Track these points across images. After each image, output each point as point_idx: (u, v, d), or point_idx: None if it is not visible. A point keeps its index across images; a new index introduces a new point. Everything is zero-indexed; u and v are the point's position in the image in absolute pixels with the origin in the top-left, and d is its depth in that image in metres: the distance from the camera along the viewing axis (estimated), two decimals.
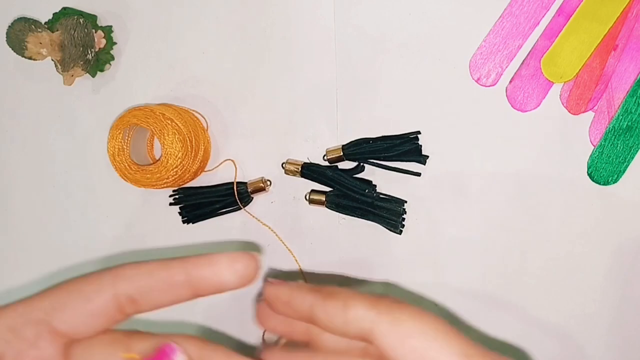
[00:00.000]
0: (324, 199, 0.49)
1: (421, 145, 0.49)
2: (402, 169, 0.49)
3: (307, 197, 0.50)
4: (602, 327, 0.47)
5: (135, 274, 0.25)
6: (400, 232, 0.49)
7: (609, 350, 0.47)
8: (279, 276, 0.51)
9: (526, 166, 0.48)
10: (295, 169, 0.50)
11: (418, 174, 0.49)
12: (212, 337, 0.53)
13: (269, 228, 0.51)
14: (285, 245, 0.51)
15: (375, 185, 0.49)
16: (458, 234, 0.49)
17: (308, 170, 0.49)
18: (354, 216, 0.49)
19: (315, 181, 0.50)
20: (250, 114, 0.52)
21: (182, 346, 0.25)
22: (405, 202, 0.49)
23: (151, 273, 0.25)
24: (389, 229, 0.49)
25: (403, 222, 0.49)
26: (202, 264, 0.25)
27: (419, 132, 0.49)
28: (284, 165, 0.50)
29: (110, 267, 0.26)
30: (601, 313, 0.47)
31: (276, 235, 0.51)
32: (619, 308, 0.47)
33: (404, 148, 0.48)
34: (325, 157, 0.50)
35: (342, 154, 0.49)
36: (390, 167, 0.49)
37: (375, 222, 0.49)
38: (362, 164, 0.49)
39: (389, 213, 0.49)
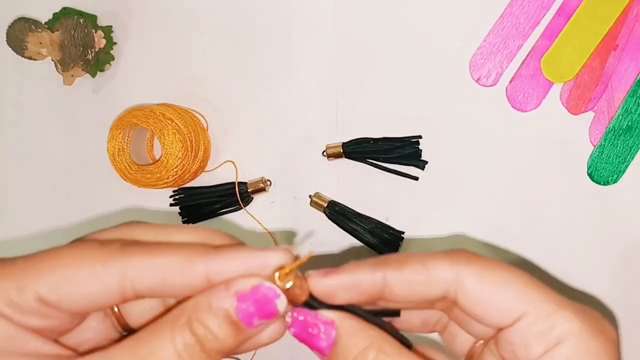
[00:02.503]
0: (325, 206, 0.49)
1: (421, 150, 0.49)
2: (400, 172, 0.49)
3: (310, 198, 0.50)
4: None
5: (149, 269, 0.23)
6: None
7: None
8: None
9: (526, 166, 0.48)
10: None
11: (416, 178, 0.49)
12: None
13: (267, 231, 0.51)
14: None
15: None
16: (457, 234, 0.49)
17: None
18: (350, 234, 0.49)
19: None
20: (250, 114, 0.52)
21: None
22: (403, 233, 0.49)
23: (166, 270, 0.23)
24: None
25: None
26: (225, 258, 0.23)
27: (419, 137, 0.49)
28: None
29: (115, 244, 0.24)
30: (601, 313, 0.47)
31: (273, 238, 0.51)
32: (620, 308, 0.47)
33: (404, 151, 0.48)
34: (324, 153, 0.50)
35: (342, 151, 0.49)
36: (389, 168, 0.49)
37: (369, 247, 0.49)
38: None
39: (386, 245, 0.49)
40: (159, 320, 0.23)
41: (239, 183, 0.51)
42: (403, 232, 0.49)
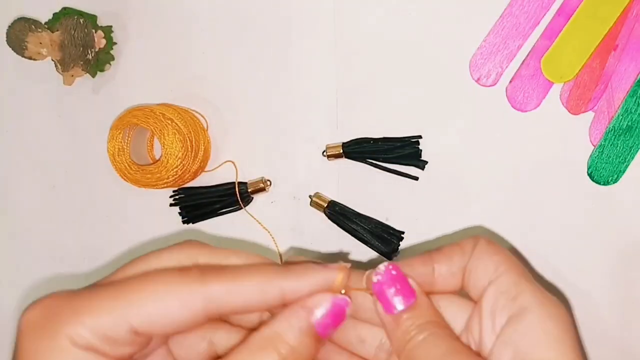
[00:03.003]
0: (325, 206, 0.49)
1: (421, 150, 0.49)
2: (400, 172, 0.49)
3: (310, 198, 0.50)
4: (602, 327, 0.47)
5: (232, 293, 0.25)
6: (391, 258, 0.49)
7: (610, 350, 0.47)
8: None
9: (526, 166, 0.48)
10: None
11: (416, 178, 0.49)
12: None
13: (267, 231, 0.51)
14: (278, 250, 0.51)
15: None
16: (457, 234, 0.49)
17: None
18: (350, 234, 0.49)
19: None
20: (250, 114, 0.52)
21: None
22: (403, 233, 0.49)
23: (248, 293, 0.25)
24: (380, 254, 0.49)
25: (397, 253, 0.49)
26: (298, 277, 0.26)
27: (420, 137, 0.49)
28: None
29: (194, 270, 0.25)
30: (602, 313, 0.47)
31: (273, 238, 0.51)
32: (620, 308, 0.47)
33: (404, 151, 0.48)
34: (324, 153, 0.50)
35: (342, 151, 0.49)
36: (389, 168, 0.49)
37: (369, 247, 0.49)
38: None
39: (384, 244, 0.49)
40: (242, 350, 0.25)
41: (239, 183, 0.51)
42: (403, 232, 0.49)
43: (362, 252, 0.50)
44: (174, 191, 0.52)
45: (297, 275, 0.26)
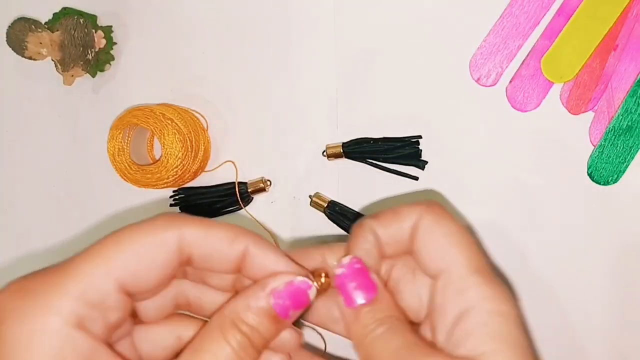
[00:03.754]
0: (325, 206, 0.49)
1: (421, 150, 0.49)
2: (400, 172, 0.49)
3: (310, 198, 0.50)
4: (602, 327, 0.47)
5: (204, 237, 0.26)
6: None
7: (610, 350, 0.47)
8: None
9: (526, 166, 0.48)
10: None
11: (416, 178, 0.49)
12: None
13: (268, 232, 0.51)
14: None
15: None
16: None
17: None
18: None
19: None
20: (250, 114, 0.52)
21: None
22: None
23: (218, 240, 0.26)
24: None
25: None
26: (261, 245, 0.27)
27: (420, 137, 0.49)
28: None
29: (167, 214, 0.26)
30: (602, 313, 0.47)
31: (273, 238, 0.51)
32: (620, 308, 0.47)
33: (404, 151, 0.48)
34: (324, 153, 0.50)
35: (342, 151, 0.49)
36: (389, 168, 0.49)
37: None
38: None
39: None
40: (204, 329, 0.26)
41: (239, 183, 0.51)
42: None
43: None
44: (174, 191, 0.52)
45: (263, 244, 0.27)
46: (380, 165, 0.49)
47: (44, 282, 0.24)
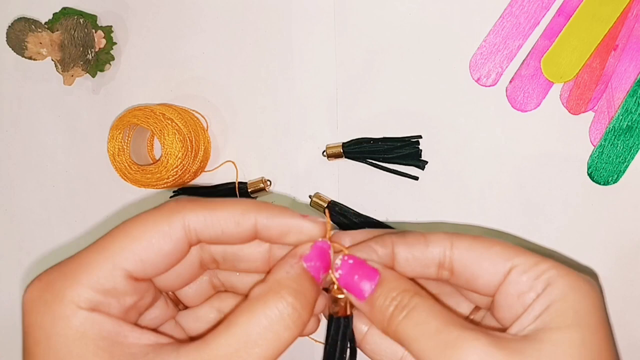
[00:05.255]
0: (325, 206, 0.49)
1: (421, 150, 0.49)
2: (400, 172, 0.49)
3: (310, 198, 0.50)
4: None
5: (209, 222, 0.27)
6: None
7: None
8: None
9: (526, 166, 0.48)
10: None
11: (416, 178, 0.49)
12: None
13: None
14: None
15: None
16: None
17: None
18: None
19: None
20: (250, 114, 0.52)
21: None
22: None
23: (224, 222, 0.27)
24: None
25: None
26: (272, 214, 0.28)
27: (420, 137, 0.49)
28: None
29: (170, 202, 0.27)
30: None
31: None
32: (620, 308, 0.47)
33: (404, 151, 0.48)
34: (324, 153, 0.50)
35: (342, 151, 0.49)
36: (389, 168, 0.49)
37: None
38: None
39: None
40: (246, 303, 0.26)
41: (239, 183, 0.51)
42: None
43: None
44: (174, 191, 0.52)
45: (271, 212, 0.28)
46: (380, 165, 0.49)
47: (60, 274, 0.25)
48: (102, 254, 0.25)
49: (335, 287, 0.29)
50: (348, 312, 0.30)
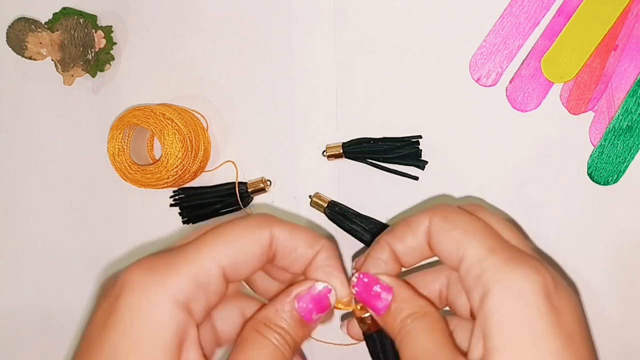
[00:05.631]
0: (325, 206, 0.49)
1: (421, 150, 0.49)
2: (400, 172, 0.49)
3: (310, 198, 0.50)
4: (602, 327, 0.47)
5: (290, 235, 0.29)
6: None
7: (609, 351, 0.47)
8: None
9: (526, 166, 0.48)
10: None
11: (416, 178, 0.49)
12: None
13: None
14: None
15: None
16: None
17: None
18: (350, 234, 0.49)
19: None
20: (250, 114, 0.52)
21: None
22: None
23: (301, 239, 0.29)
24: None
25: None
26: (329, 252, 0.30)
27: (420, 137, 0.49)
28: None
29: (257, 215, 0.30)
30: (602, 313, 0.47)
31: None
32: (620, 308, 0.47)
33: (404, 151, 0.48)
34: (324, 153, 0.50)
35: (342, 151, 0.49)
36: (389, 168, 0.49)
37: (369, 247, 0.49)
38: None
39: None
40: (241, 335, 0.29)
41: (239, 183, 0.51)
42: None
43: (362, 252, 0.50)
44: (174, 191, 0.52)
45: (330, 249, 0.30)
46: (380, 165, 0.49)
47: (164, 261, 0.27)
48: (205, 249, 0.27)
49: (359, 307, 0.30)
50: (379, 327, 0.31)
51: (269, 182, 0.51)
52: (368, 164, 0.49)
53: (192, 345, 0.27)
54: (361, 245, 0.50)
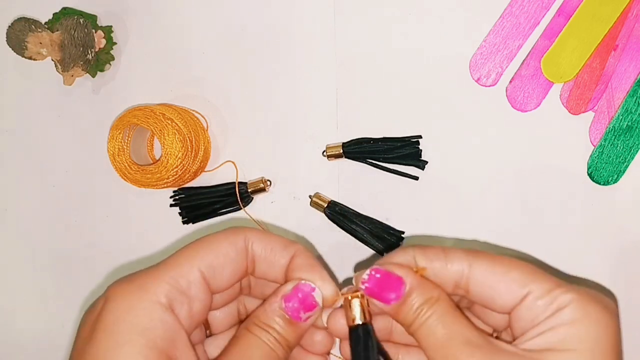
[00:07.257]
0: (325, 206, 0.49)
1: (421, 150, 0.49)
2: (400, 172, 0.49)
3: (310, 198, 0.50)
4: None
5: (264, 240, 0.31)
6: None
7: None
8: None
9: (526, 166, 0.48)
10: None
11: (416, 178, 0.49)
12: None
13: (268, 232, 0.51)
14: None
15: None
16: (457, 234, 0.49)
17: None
18: (350, 235, 0.49)
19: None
20: (250, 114, 0.52)
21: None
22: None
23: (275, 244, 0.31)
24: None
25: None
26: (305, 259, 0.31)
27: (420, 137, 0.49)
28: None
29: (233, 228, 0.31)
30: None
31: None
32: (620, 308, 0.47)
33: (404, 151, 0.48)
34: (324, 153, 0.50)
35: (342, 151, 0.49)
36: (389, 168, 0.49)
37: (369, 247, 0.49)
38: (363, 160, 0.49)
39: (384, 244, 0.49)
40: (236, 335, 0.30)
41: (239, 183, 0.51)
42: (403, 232, 0.49)
43: (362, 252, 0.50)
44: (174, 191, 0.52)
45: (306, 251, 0.31)
46: (380, 165, 0.49)
47: (145, 272, 0.29)
48: (181, 257, 0.29)
49: (350, 296, 0.30)
50: (366, 318, 0.30)
51: (269, 182, 0.51)
52: (368, 164, 0.49)
53: (184, 349, 0.28)
54: (361, 245, 0.50)
